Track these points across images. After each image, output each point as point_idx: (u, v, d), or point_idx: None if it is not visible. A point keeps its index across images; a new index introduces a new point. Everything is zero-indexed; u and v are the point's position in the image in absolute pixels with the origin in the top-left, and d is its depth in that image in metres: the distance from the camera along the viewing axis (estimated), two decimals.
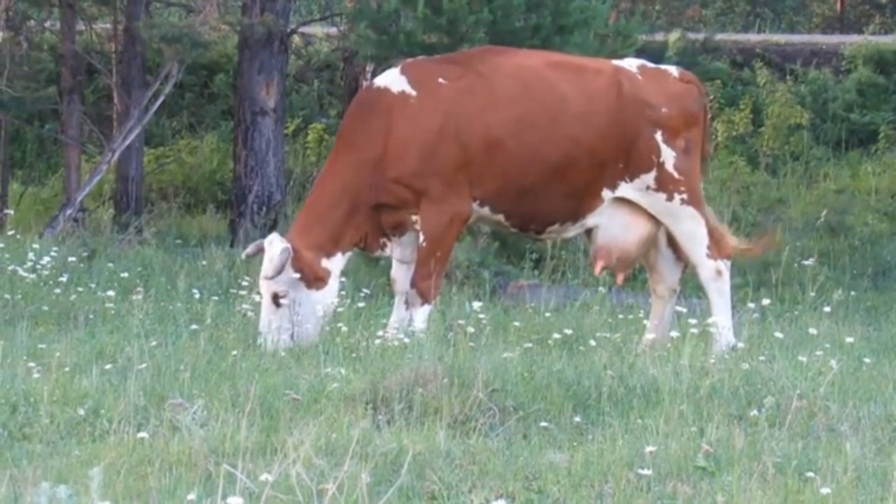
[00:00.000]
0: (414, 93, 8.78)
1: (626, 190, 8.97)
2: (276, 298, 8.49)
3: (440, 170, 8.69)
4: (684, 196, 8.97)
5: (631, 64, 9.23)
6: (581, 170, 8.85)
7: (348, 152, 8.83)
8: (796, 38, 22.87)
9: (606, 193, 8.96)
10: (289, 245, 8.51)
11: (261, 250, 8.71)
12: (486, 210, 8.90)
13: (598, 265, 9.09)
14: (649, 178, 8.95)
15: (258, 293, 8.92)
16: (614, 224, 9.01)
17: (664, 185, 8.95)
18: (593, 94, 8.89)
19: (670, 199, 8.97)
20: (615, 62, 9.30)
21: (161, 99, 15.28)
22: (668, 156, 8.96)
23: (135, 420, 6.13)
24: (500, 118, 8.75)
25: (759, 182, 18.47)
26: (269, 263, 8.49)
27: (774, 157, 19.13)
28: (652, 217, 9.02)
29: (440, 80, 8.82)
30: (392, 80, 8.89)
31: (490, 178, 8.75)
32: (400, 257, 8.96)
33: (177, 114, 19.95)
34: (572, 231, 9.16)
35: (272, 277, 8.43)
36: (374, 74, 9.25)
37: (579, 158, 8.83)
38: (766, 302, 9.36)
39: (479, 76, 8.85)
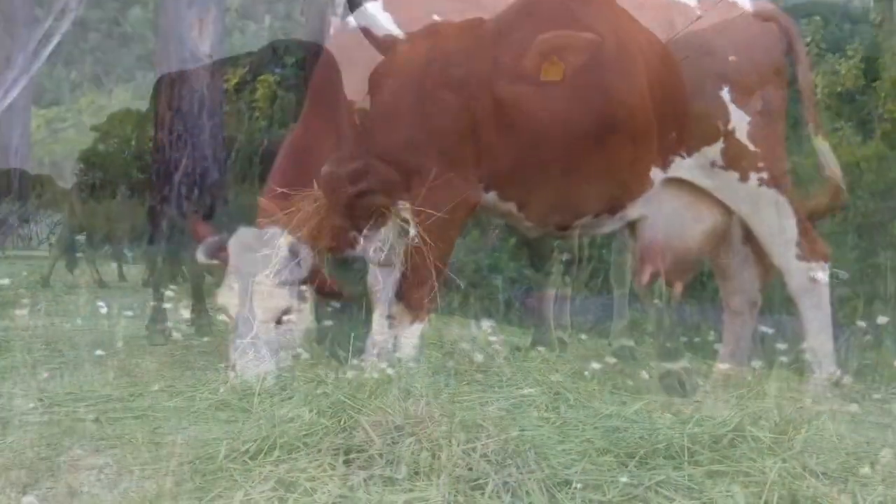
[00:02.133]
0: (402, 36, 8.82)
1: (682, 168, 9.01)
2: (286, 313, 8.58)
3: (437, 141, 8.72)
4: (763, 175, 9.02)
5: None
6: (620, 141, 8.85)
7: (319, 122, 8.88)
8: None
9: (656, 173, 9.01)
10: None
11: (220, 250, 8.72)
12: (492, 196, 8.91)
13: (646, 271, 9.12)
14: (714, 151, 9.01)
15: (226, 316, 8.89)
16: (667, 215, 9.05)
17: (735, 160, 9.00)
18: (635, 38, 8.93)
19: (744, 179, 9.02)
20: None
21: (55, 41, 15.33)
22: (740, 121, 9.01)
23: None
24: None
25: (872, 155, 18.51)
26: (284, 265, 8.52)
27: (894, 123, 19.19)
28: (720, 205, 9.06)
29: (435, 17, 8.87)
30: (372, 18, 8.92)
31: (498, 152, 8.75)
32: (373, 258, 9.00)
33: (77, 61, 20.00)
34: (609, 225, 9.19)
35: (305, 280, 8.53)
36: (349, 4, 9.20)
37: (617, 126, 8.81)
38: (881, 320, 9.40)
39: (483, 12, 8.88)
